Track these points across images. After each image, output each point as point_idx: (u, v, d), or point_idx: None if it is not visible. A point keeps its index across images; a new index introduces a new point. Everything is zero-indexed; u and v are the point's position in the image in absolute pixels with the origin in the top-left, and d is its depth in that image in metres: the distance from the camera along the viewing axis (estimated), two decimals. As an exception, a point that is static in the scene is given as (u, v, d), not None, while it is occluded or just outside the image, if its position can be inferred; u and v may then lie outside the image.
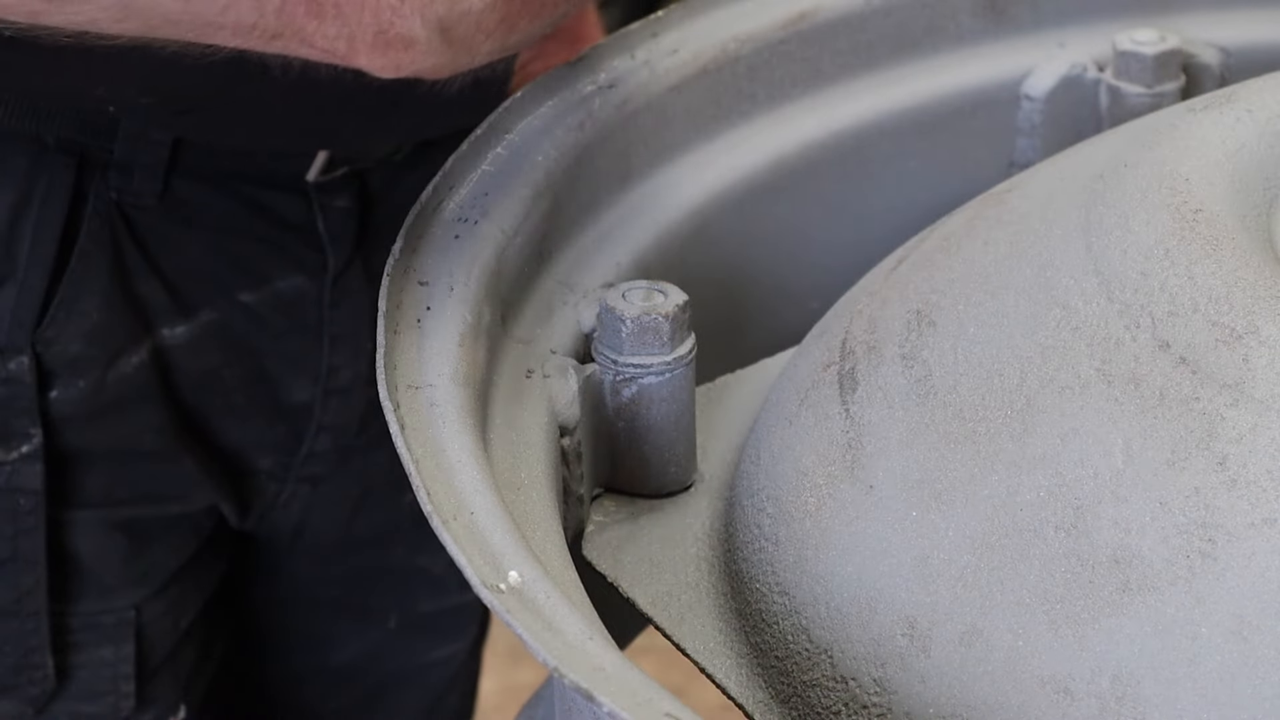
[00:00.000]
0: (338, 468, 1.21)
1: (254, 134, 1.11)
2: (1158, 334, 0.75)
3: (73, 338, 1.09)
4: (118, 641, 1.16)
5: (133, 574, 1.15)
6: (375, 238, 1.17)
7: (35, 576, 1.11)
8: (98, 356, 1.10)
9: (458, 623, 1.33)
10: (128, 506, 1.14)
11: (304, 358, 1.17)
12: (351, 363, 1.18)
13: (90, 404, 1.10)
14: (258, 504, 1.20)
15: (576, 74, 0.98)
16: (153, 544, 1.16)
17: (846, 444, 0.81)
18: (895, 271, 0.88)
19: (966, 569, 0.74)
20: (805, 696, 0.78)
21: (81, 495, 1.12)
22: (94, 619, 1.15)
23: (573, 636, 0.68)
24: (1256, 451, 0.71)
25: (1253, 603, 0.69)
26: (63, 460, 1.11)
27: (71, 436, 1.11)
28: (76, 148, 1.08)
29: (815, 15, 1.03)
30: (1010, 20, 1.07)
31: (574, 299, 0.91)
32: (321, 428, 1.19)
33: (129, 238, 1.10)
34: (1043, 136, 1.06)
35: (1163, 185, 0.80)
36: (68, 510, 1.12)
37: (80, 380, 1.10)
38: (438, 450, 0.77)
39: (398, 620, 1.31)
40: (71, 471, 1.12)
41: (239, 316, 1.14)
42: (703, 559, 0.86)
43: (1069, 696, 0.71)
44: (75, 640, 1.15)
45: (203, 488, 1.16)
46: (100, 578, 1.14)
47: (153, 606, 1.17)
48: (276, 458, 1.19)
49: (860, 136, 1.04)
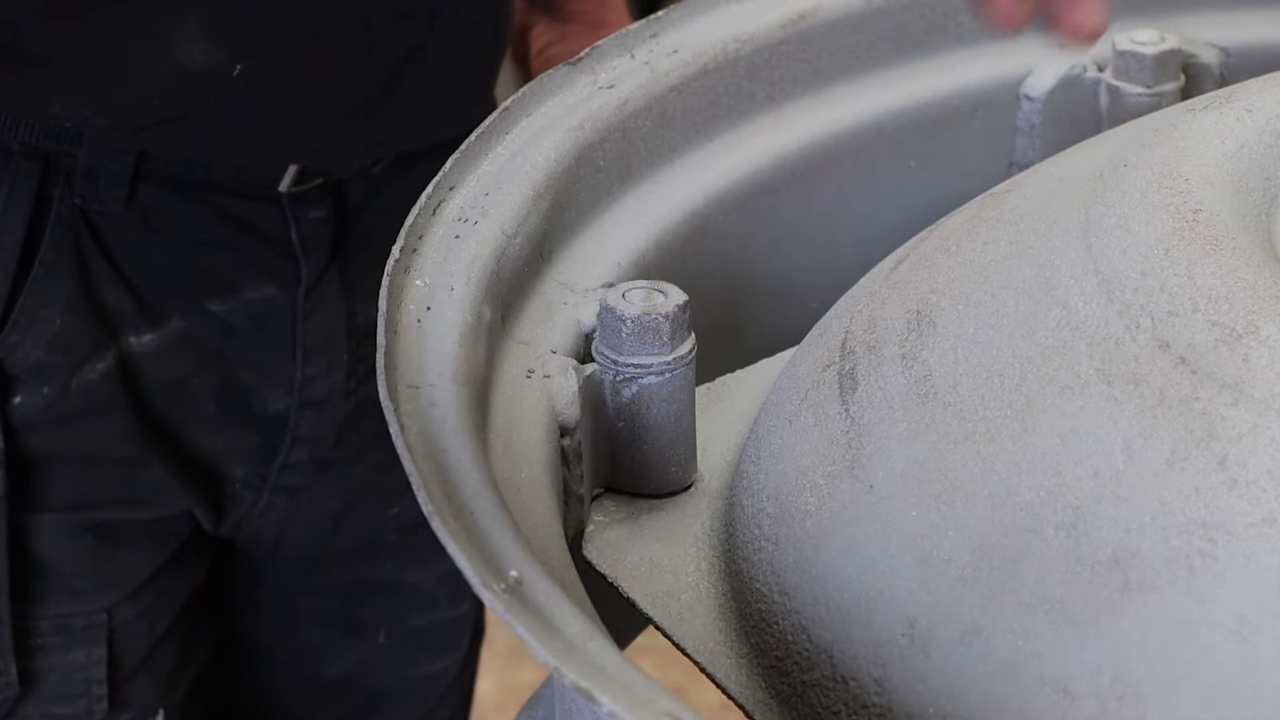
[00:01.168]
0: (315, 479, 1.20)
1: (218, 149, 1.10)
2: (1158, 334, 0.75)
3: (35, 344, 1.08)
4: (89, 644, 1.15)
5: (103, 577, 1.14)
6: (351, 249, 1.16)
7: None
8: (61, 363, 1.09)
9: (449, 637, 1.32)
10: (96, 510, 1.13)
11: (277, 368, 1.15)
12: (326, 374, 1.16)
13: (55, 410, 1.09)
14: (233, 511, 1.19)
15: (576, 74, 0.98)
16: (124, 547, 1.15)
17: (846, 444, 0.81)
18: (895, 271, 0.88)
19: (966, 569, 0.74)
20: (805, 696, 0.78)
21: (47, 499, 1.11)
22: (64, 621, 1.14)
23: (573, 636, 0.68)
24: (1256, 451, 0.71)
25: (1253, 603, 0.69)
26: (26, 465, 1.10)
27: (36, 442, 1.09)
28: (40, 153, 1.07)
29: (815, 15, 1.03)
30: (1010, 20, 1.07)
31: (574, 299, 0.91)
32: (297, 439, 1.17)
33: (94, 245, 1.09)
34: (1042, 136, 1.06)
35: (1163, 185, 0.80)
36: (32, 514, 1.11)
37: (44, 387, 1.09)
38: (438, 450, 0.77)
39: (387, 634, 1.30)
40: (36, 476, 1.10)
41: (209, 326, 1.13)
42: (703, 559, 0.86)
43: (1069, 696, 0.71)
44: (44, 643, 1.14)
45: (174, 493, 1.15)
46: (69, 581, 1.13)
47: (125, 610, 1.15)
48: (251, 467, 1.18)
49: (860, 136, 1.04)
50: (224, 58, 1.03)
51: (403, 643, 1.30)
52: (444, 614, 1.30)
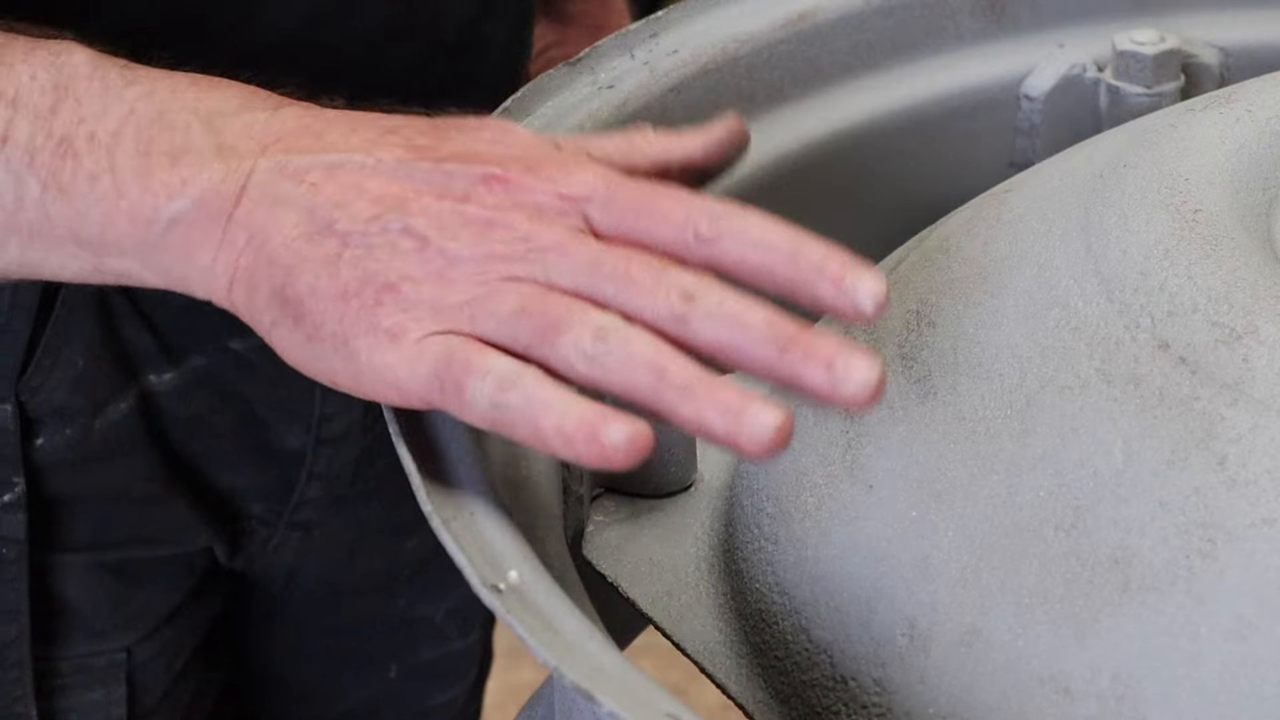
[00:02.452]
0: (331, 515, 1.19)
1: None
2: (1157, 334, 0.75)
3: (58, 386, 1.07)
4: (109, 684, 1.14)
5: (123, 616, 1.13)
6: None
7: (18, 626, 1.09)
8: (84, 405, 1.08)
9: (458, 667, 1.32)
10: (117, 549, 1.12)
11: (295, 405, 1.14)
12: (344, 412, 1.15)
13: (77, 452, 1.08)
14: (248, 546, 1.19)
15: (576, 74, 0.97)
16: (144, 586, 1.14)
17: (846, 444, 0.81)
18: (895, 271, 0.88)
19: (966, 569, 0.74)
20: (805, 696, 0.78)
21: (68, 539, 1.10)
22: (84, 662, 1.13)
23: (573, 636, 0.68)
24: (1256, 451, 0.71)
25: (1253, 603, 0.69)
26: (48, 506, 1.09)
27: (58, 484, 1.09)
28: None
29: (815, 15, 1.03)
30: (1010, 20, 1.07)
31: (574, 299, 0.91)
32: (313, 475, 1.17)
33: (116, 285, 1.08)
34: (1042, 136, 1.06)
35: (1162, 185, 0.80)
36: (53, 554, 1.10)
37: (66, 428, 1.08)
38: (438, 450, 0.77)
39: (398, 668, 1.30)
40: (58, 517, 1.09)
41: (228, 363, 1.12)
42: (703, 559, 0.86)
43: (1069, 696, 0.71)
44: (64, 684, 1.13)
45: (194, 530, 1.14)
46: (89, 621, 1.12)
47: (144, 648, 1.15)
48: (267, 504, 1.17)
49: (860, 136, 1.04)
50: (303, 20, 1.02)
51: (413, 676, 1.30)
52: (454, 646, 1.30)
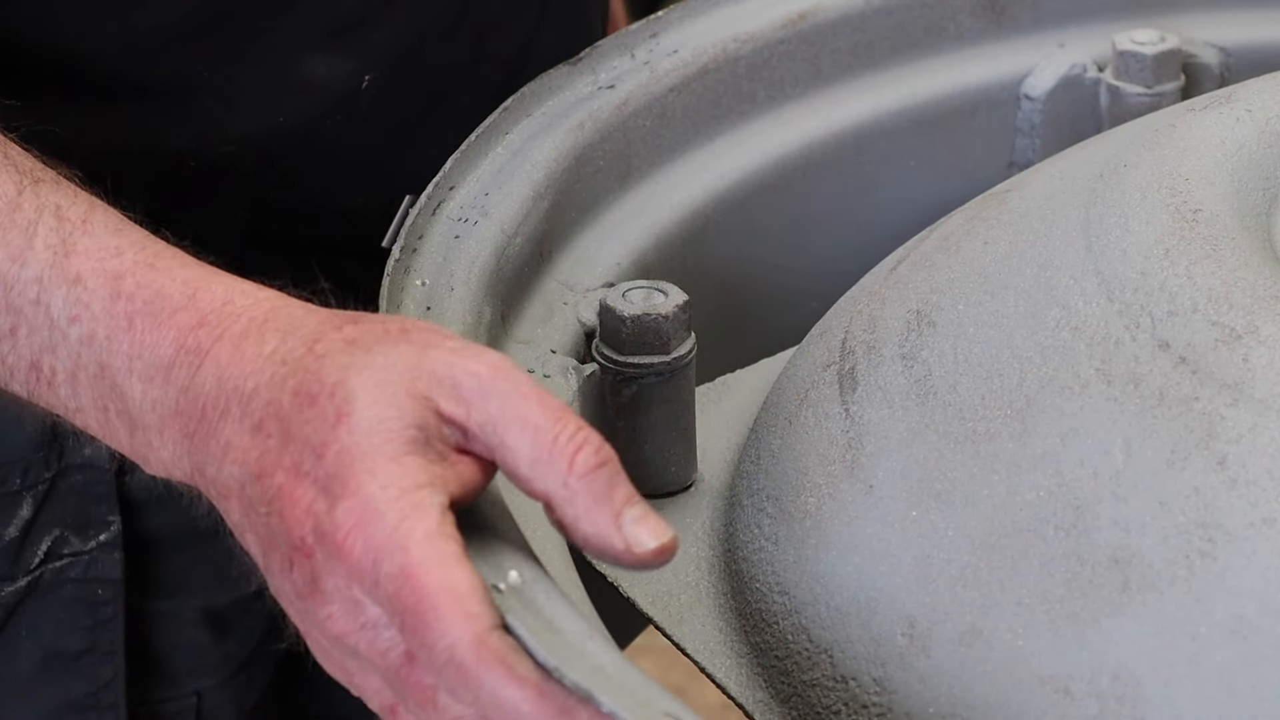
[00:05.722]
0: None
1: (339, 180, 1.09)
2: (1157, 334, 0.75)
3: None
4: None
5: (205, 663, 1.14)
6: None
7: (114, 668, 1.08)
8: None
9: None
10: (204, 593, 1.12)
11: None
12: None
13: (166, 486, 1.09)
14: None
15: (576, 74, 0.98)
16: (231, 631, 1.14)
17: (846, 444, 0.81)
18: (895, 271, 0.88)
19: (966, 569, 0.74)
20: (805, 696, 0.78)
21: (160, 583, 1.11)
22: (159, 707, 1.14)
23: (573, 636, 0.68)
24: (1256, 451, 0.71)
25: (1253, 603, 0.69)
26: (141, 546, 1.09)
27: (148, 521, 1.09)
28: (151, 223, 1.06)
29: (815, 15, 1.03)
30: (1010, 20, 1.07)
31: (574, 299, 0.91)
32: None
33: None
34: (1042, 136, 1.06)
35: (1162, 185, 0.80)
36: (148, 601, 1.11)
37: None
38: (438, 450, 0.77)
39: None
40: (150, 557, 1.10)
41: None
42: (703, 559, 0.86)
43: (1069, 696, 0.71)
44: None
45: None
46: (170, 667, 1.13)
47: (217, 694, 1.15)
48: None
49: (860, 136, 1.04)
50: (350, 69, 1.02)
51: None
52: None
